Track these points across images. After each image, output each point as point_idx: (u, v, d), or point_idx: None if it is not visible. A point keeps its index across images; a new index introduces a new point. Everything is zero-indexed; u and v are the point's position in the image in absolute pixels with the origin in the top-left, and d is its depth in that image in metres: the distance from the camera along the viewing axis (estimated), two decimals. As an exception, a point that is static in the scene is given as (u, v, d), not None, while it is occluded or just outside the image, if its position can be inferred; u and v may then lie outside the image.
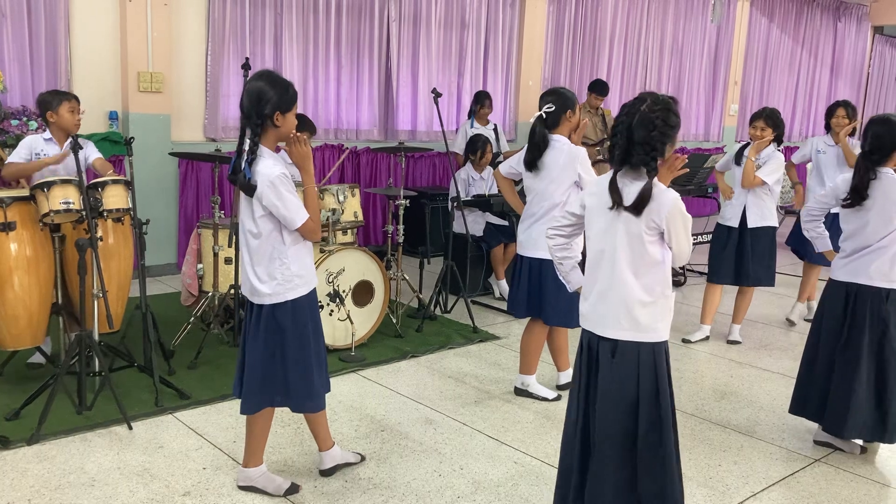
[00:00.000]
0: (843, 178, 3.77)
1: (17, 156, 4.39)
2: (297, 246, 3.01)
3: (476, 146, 6.58)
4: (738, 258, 5.36)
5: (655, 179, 2.58)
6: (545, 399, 4.34)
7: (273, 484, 3.22)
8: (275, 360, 3.06)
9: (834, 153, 5.80)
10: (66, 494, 3.15)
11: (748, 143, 5.32)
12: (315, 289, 3.14)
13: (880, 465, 3.78)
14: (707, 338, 5.59)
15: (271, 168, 2.88)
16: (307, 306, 3.09)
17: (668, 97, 2.60)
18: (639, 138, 2.54)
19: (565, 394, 4.39)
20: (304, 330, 3.07)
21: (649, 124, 2.53)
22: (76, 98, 4.48)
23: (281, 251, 2.98)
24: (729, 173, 5.59)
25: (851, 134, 5.78)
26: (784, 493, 3.46)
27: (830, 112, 5.87)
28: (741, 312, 5.60)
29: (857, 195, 3.66)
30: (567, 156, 3.94)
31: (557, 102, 3.97)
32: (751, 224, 5.28)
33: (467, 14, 8.46)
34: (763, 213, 5.30)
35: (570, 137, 4.04)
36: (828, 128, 5.91)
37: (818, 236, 3.98)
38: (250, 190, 2.89)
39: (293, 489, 3.23)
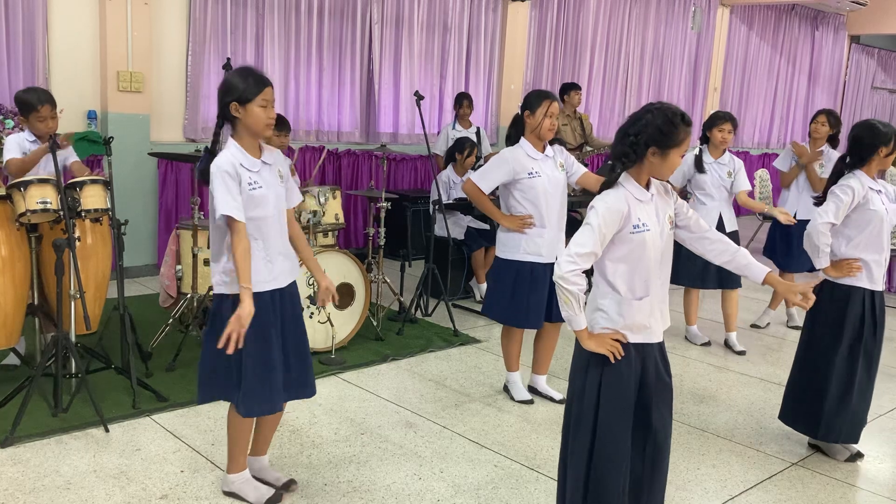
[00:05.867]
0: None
1: (15, 153, 4.25)
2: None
3: (463, 146, 6.59)
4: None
5: (624, 176, 2.59)
6: (511, 398, 4.40)
7: (255, 493, 3.16)
8: (216, 352, 2.92)
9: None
10: (40, 498, 3.11)
11: (701, 150, 5.33)
12: (267, 294, 2.96)
13: (856, 468, 3.82)
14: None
15: (221, 161, 2.87)
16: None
17: (679, 110, 2.55)
18: (630, 131, 2.56)
19: (539, 397, 4.43)
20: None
21: (637, 120, 2.55)
22: (49, 103, 4.32)
23: (227, 244, 2.92)
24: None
25: (833, 145, 5.79)
26: (761, 496, 3.49)
27: (814, 117, 5.87)
28: (734, 319, 5.59)
29: (825, 197, 3.74)
30: None
31: (522, 104, 4.11)
32: (728, 229, 5.31)
33: (449, 17, 8.47)
34: (732, 218, 5.39)
35: (540, 138, 4.08)
36: (809, 135, 5.93)
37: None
38: (203, 176, 2.92)
39: (276, 498, 3.17)
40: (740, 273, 2.80)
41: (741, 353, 5.49)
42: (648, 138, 2.52)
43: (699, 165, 5.30)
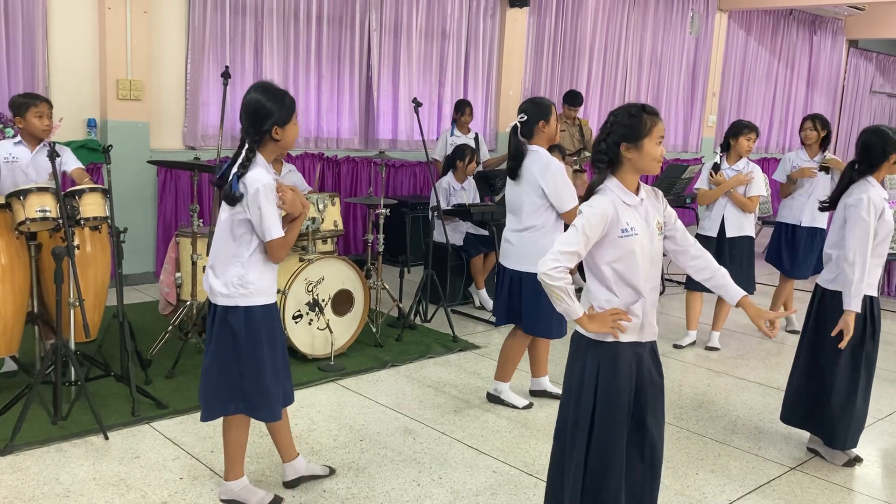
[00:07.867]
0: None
1: None
2: (262, 256, 2.99)
3: (464, 153, 6.61)
4: None
5: (610, 180, 2.63)
6: (514, 406, 4.37)
7: (255, 497, 3.19)
8: (230, 365, 3.02)
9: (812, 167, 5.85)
10: (40, 505, 3.12)
11: (721, 157, 5.43)
12: (275, 303, 3.09)
13: (854, 472, 3.83)
14: (694, 342, 5.72)
15: (260, 176, 2.89)
16: (262, 317, 3.02)
17: (640, 104, 2.65)
18: (600, 137, 2.66)
19: (538, 401, 4.43)
20: (258, 338, 3.02)
21: (605, 126, 2.66)
22: (46, 102, 4.38)
23: (243, 256, 2.96)
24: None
25: (823, 147, 5.83)
26: (759, 501, 3.49)
27: (802, 125, 5.96)
28: (720, 320, 5.70)
29: (833, 204, 3.73)
30: (542, 166, 3.97)
31: (530, 112, 4.01)
32: (729, 234, 5.34)
33: (448, 24, 8.50)
34: (742, 224, 5.38)
35: (548, 147, 4.08)
36: (802, 142, 5.98)
37: None
38: (233, 201, 2.90)
39: (276, 502, 3.20)
40: (717, 292, 2.84)
41: (714, 349, 5.66)
42: (618, 137, 2.60)
43: (716, 171, 5.43)
